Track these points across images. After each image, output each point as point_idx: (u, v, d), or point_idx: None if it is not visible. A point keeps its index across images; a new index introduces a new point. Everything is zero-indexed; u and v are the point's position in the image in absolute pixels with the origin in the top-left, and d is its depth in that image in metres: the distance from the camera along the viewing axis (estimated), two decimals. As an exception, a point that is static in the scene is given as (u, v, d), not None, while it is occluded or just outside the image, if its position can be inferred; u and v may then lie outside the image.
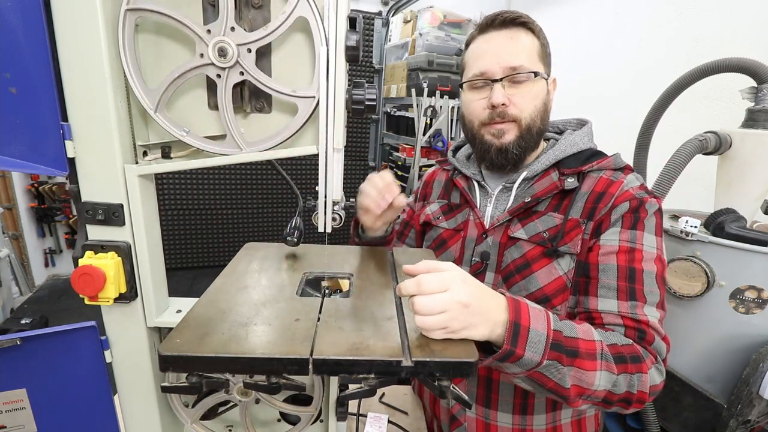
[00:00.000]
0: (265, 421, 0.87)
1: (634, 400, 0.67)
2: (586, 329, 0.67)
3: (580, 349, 0.64)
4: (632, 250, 0.76)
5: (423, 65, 3.20)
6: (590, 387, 0.64)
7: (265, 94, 0.65)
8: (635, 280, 0.75)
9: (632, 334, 0.72)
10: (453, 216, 0.99)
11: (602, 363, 0.64)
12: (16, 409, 0.67)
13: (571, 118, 0.99)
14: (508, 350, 0.59)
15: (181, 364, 0.52)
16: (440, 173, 1.09)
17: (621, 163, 0.86)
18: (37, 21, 0.54)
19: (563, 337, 0.63)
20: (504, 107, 0.83)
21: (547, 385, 0.63)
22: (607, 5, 2.35)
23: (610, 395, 0.66)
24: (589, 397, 0.66)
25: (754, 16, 1.69)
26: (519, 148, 0.86)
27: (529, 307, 0.63)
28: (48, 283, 3.77)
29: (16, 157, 0.57)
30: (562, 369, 0.62)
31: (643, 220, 0.78)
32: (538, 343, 0.60)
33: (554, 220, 0.83)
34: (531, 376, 0.63)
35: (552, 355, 0.61)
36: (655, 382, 0.69)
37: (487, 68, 0.84)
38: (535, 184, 0.87)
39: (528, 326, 0.60)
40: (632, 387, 0.66)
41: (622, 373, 0.65)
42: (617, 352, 0.67)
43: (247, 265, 0.81)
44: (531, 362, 0.60)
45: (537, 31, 0.85)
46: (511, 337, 0.59)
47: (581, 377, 0.63)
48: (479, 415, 0.91)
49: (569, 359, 0.62)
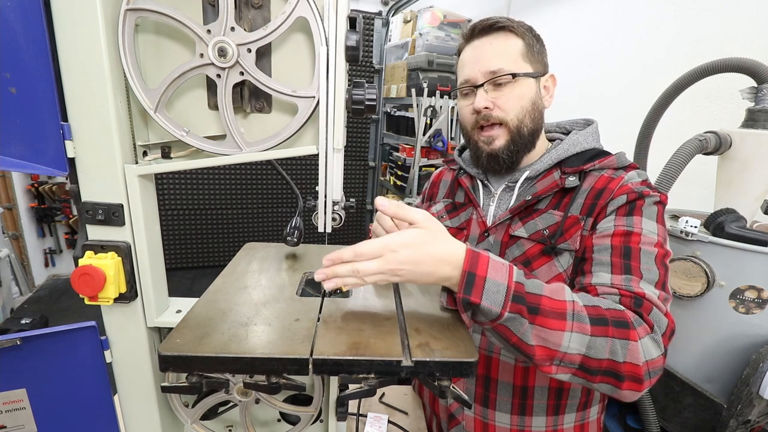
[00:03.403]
0: (265, 421, 0.87)
1: (625, 373, 0.60)
2: (555, 288, 0.63)
3: (543, 306, 0.60)
4: (629, 233, 0.74)
5: (423, 65, 3.20)
6: (558, 348, 0.59)
7: (265, 94, 0.65)
8: (630, 257, 0.72)
9: (627, 302, 0.67)
10: (457, 215, 0.99)
11: (573, 324, 0.60)
12: (16, 409, 0.67)
13: (578, 119, 0.99)
14: (462, 298, 0.59)
15: (181, 364, 0.52)
16: (447, 173, 1.11)
17: (624, 162, 0.85)
18: (37, 21, 0.54)
19: (525, 292, 0.60)
20: (488, 110, 0.85)
21: (510, 339, 0.61)
22: (607, 5, 2.35)
23: (586, 360, 0.60)
24: (561, 362, 0.61)
25: (754, 16, 1.69)
26: (509, 152, 0.87)
27: (490, 260, 0.61)
28: (48, 283, 3.78)
29: (16, 157, 0.57)
30: (524, 323, 0.59)
31: (641, 207, 0.77)
32: (497, 293, 0.59)
33: (554, 218, 0.83)
34: (495, 329, 0.61)
35: (514, 307, 0.58)
36: (652, 356, 0.61)
37: (470, 75, 0.87)
38: (537, 183, 0.88)
39: (484, 276, 0.59)
40: (615, 354, 0.60)
41: (600, 336, 0.60)
42: (597, 314, 0.62)
43: (247, 265, 0.81)
44: (491, 313, 0.58)
45: (520, 32, 0.85)
46: (464, 286, 0.59)
47: (545, 336, 0.59)
48: (477, 414, 0.92)
49: (531, 316, 0.59)
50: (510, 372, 0.87)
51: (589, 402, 0.90)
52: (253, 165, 4.03)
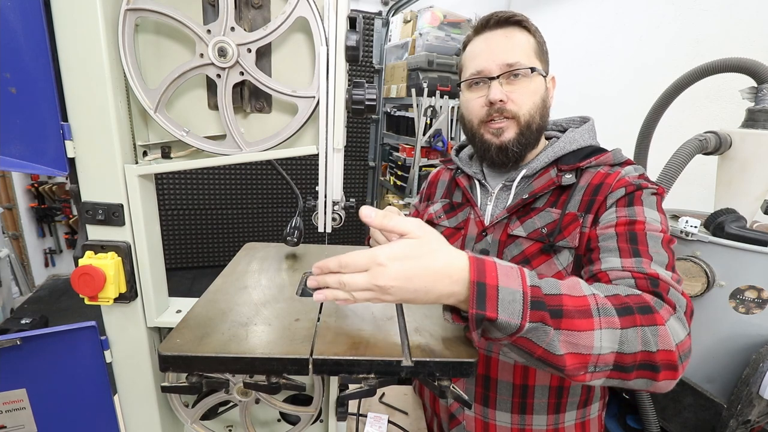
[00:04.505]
0: (265, 421, 0.87)
1: (660, 363, 0.54)
2: (571, 284, 0.57)
3: (565, 306, 0.53)
4: (632, 222, 0.74)
5: (423, 65, 3.20)
6: (591, 351, 0.52)
7: (265, 94, 0.65)
8: (638, 242, 0.70)
9: (643, 284, 0.63)
10: (454, 215, 0.99)
11: (601, 319, 0.53)
12: (16, 409, 0.67)
13: (575, 116, 0.99)
14: (476, 314, 0.50)
15: (181, 364, 0.52)
16: (444, 173, 1.10)
17: (621, 158, 0.85)
18: (37, 21, 0.54)
19: (544, 294, 0.53)
20: (502, 103, 0.84)
21: (535, 353, 0.53)
22: (607, 5, 2.35)
23: (621, 358, 0.54)
24: (597, 367, 0.54)
25: (754, 16, 1.69)
26: (519, 145, 0.86)
27: (497, 265, 0.53)
28: (48, 283, 3.77)
29: (16, 157, 0.57)
30: (550, 332, 0.51)
31: (640, 197, 0.77)
32: (513, 303, 0.50)
33: (552, 216, 0.83)
34: (516, 344, 0.53)
35: (535, 315, 0.51)
36: (680, 338, 0.56)
37: (484, 66, 0.85)
38: (534, 182, 0.88)
39: (496, 285, 0.51)
40: (648, 344, 0.54)
41: (630, 327, 0.54)
42: (621, 303, 0.56)
43: (247, 265, 0.81)
44: (509, 326, 0.50)
45: (533, 29, 0.86)
46: (476, 300, 0.50)
47: (575, 341, 0.52)
48: (478, 413, 0.91)
49: (555, 320, 0.52)
50: (510, 371, 0.87)
51: (589, 399, 0.90)
52: (253, 165, 4.03)
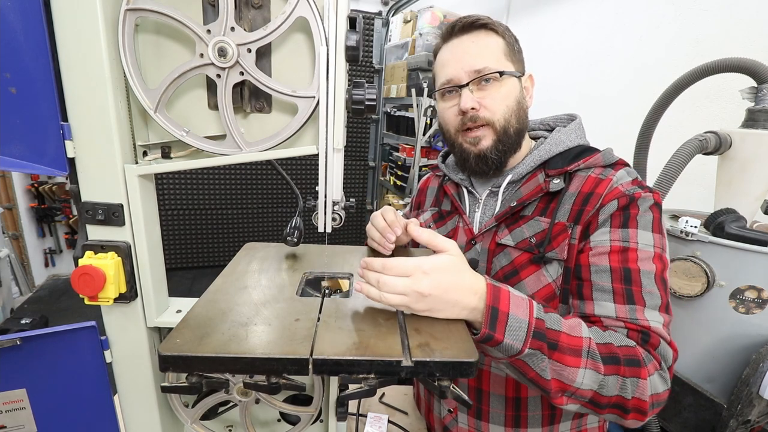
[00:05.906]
0: (265, 421, 0.87)
1: (630, 407, 0.63)
2: (573, 324, 0.65)
3: (561, 342, 0.61)
4: (625, 250, 0.72)
5: (423, 65, 3.20)
6: (571, 384, 0.61)
7: (265, 94, 0.65)
8: (631, 282, 0.70)
9: (635, 336, 0.68)
10: (444, 223, 0.97)
11: (587, 361, 0.62)
12: (16, 409, 0.67)
13: (561, 114, 0.95)
14: (486, 334, 0.59)
15: (181, 364, 0.52)
16: (433, 180, 1.08)
17: (611, 159, 0.81)
18: (37, 21, 0.54)
19: (546, 327, 0.62)
20: (474, 111, 0.82)
21: (528, 374, 0.63)
22: (607, 5, 2.34)
23: (597, 396, 0.62)
24: (573, 395, 0.63)
25: (754, 16, 1.69)
26: (498, 152, 0.84)
27: (510, 294, 0.62)
28: (48, 283, 3.78)
29: (16, 157, 0.57)
30: (544, 360, 0.61)
31: (635, 217, 0.73)
32: (519, 330, 0.60)
33: (541, 225, 0.80)
34: (513, 364, 0.63)
35: (534, 344, 0.60)
36: (657, 390, 0.64)
37: (453, 75, 0.83)
38: (522, 188, 0.85)
39: (507, 312, 0.60)
40: (625, 392, 0.62)
41: (612, 375, 0.62)
42: (610, 352, 0.63)
43: (247, 265, 0.81)
44: (512, 349, 0.60)
45: (500, 31, 0.83)
46: (489, 322, 0.59)
47: (561, 371, 0.61)
48: (471, 426, 0.89)
49: (550, 351, 0.61)
50: (501, 384, 0.85)
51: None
52: (253, 165, 4.03)
